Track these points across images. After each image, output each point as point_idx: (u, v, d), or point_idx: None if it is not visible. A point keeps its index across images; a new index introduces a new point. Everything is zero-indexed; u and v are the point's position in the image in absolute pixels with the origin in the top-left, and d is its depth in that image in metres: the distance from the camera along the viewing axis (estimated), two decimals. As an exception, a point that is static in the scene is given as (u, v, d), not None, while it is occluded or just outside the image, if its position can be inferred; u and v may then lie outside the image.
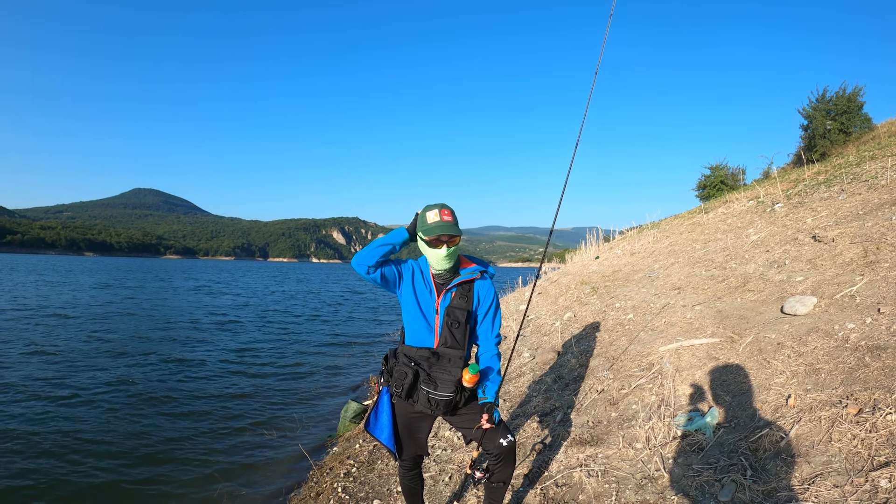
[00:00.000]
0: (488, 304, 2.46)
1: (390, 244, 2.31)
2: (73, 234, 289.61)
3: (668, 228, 12.89)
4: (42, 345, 9.83)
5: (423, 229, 2.27)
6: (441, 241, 2.28)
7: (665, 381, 3.87)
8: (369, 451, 4.60)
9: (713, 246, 7.82)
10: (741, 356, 3.71)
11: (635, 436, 3.36)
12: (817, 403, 2.75)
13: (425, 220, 2.29)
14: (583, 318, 6.94)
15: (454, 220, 2.30)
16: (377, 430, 2.51)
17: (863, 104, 15.12)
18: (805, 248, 5.52)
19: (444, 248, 2.28)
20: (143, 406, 6.46)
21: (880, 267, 4.19)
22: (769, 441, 2.66)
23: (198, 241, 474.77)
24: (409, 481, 2.71)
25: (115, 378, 7.66)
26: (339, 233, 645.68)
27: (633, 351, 4.76)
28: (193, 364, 8.92)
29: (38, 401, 6.41)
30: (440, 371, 2.33)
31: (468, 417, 2.44)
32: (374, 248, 2.31)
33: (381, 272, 2.36)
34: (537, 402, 4.67)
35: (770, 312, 4.30)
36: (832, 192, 7.71)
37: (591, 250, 15.89)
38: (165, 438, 5.45)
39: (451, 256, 2.34)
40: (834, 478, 2.21)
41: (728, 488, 2.48)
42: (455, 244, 2.31)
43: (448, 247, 2.29)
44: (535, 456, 3.66)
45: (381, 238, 2.33)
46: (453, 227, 2.27)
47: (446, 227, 2.25)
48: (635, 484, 2.90)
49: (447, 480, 3.70)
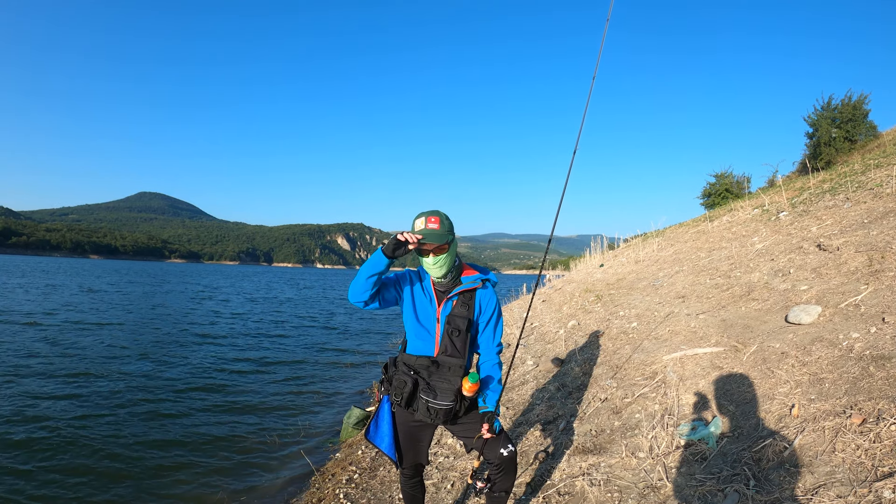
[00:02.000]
0: (490, 313, 2.45)
1: (375, 273, 2.23)
2: (78, 236, 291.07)
3: (673, 237, 12.87)
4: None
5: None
6: (426, 249, 2.27)
7: (668, 390, 3.86)
8: (371, 458, 4.60)
9: (718, 254, 7.80)
10: (745, 365, 3.70)
11: (638, 445, 3.36)
12: (821, 413, 2.74)
13: (413, 227, 2.29)
14: (587, 327, 6.92)
15: (441, 229, 2.26)
16: (378, 438, 2.51)
17: (868, 112, 15.09)
18: (810, 256, 5.51)
19: (430, 256, 2.28)
20: (143, 411, 6.47)
21: (885, 276, 4.17)
22: (773, 451, 2.64)
23: (202, 246, 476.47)
24: (410, 489, 2.70)
25: (115, 382, 7.68)
26: (344, 238, 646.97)
27: (637, 359, 4.75)
28: (194, 369, 8.93)
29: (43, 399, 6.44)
30: (439, 380, 2.32)
31: (469, 426, 2.43)
32: (362, 282, 2.25)
33: (380, 298, 2.35)
34: (540, 410, 4.66)
35: (774, 321, 4.29)
36: (837, 201, 7.69)
37: (596, 258, 15.87)
38: (166, 443, 5.45)
39: (441, 265, 2.31)
40: (837, 488, 2.20)
41: (731, 498, 2.47)
42: (443, 253, 2.28)
43: (434, 255, 2.28)
44: (537, 464, 3.66)
45: (364, 268, 2.26)
46: (435, 235, 2.23)
47: (427, 235, 2.23)
48: (638, 493, 2.89)
49: (449, 488, 3.69)
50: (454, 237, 2.35)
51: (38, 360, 8.75)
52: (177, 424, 6.06)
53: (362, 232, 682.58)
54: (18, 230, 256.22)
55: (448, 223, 2.32)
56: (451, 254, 2.34)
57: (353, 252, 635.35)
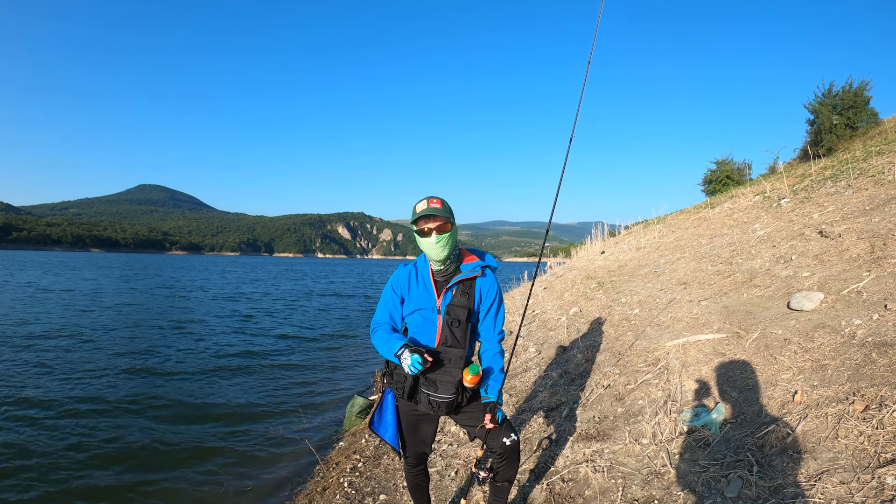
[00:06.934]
0: (490, 301, 2.42)
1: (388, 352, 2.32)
2: (78, 230, 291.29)
3: (674, 223, 12.84)
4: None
5: (412, 219, 2.28)
6: (427, 228, 2.26)
7: (671, 377, 3.88)
8: (375, 446, 4.63)
9: (719, 241, 7.79)
10: (747, 352, 3.71)
11: (641, 431, 3.37)
12: (824, 400, 2.75)
13: (415, 210, 2.29)
14: (588, 314, 6.93)
15: (444, 209, 2.27)
16: (381, 428, 2.52)
17: (869, 99, 14.98)
18: (811, 243, 5.50)
19: (433, 235, 2.26)
20: (146, 401, 6.50)
21: (887, 263, 4.17)
22: (776, 437, 2.66)
23: (203, 237, 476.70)
24: (414, 477, 2.72)
25: (119, 375, 7.72)
26: (345, 228, 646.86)
27: (639, 346, 4.76)
28: (197, 359, 8.97)
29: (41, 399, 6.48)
30: (440, 373, 2.31)
31: (472, 416, 2.44)
32: (383, 352, 2.35)
33: (403, 325, 2.48)
34: (543, 397, 4.68)
35: (776, 308, 4.29)
36: (839, 188, 7.66)
37: (597, 245, 15.84)
38: (170, 434, 5.49)
39: (444, 245, 2.28)
40: (840, 474, 2.22)
41: (734, 484, 2.49)
42: (445, 232, 2.27)
43: (437, 234, 2.26)
44: (541, 451, 3.68)
45: (381, 350, 2.36)
46: (437, 210, 2.24)
47: (427, 211, 2.24)
48: (641, 479, 2.91)
49: (453, 475, 3.71)
50: (455, 223, 2.35)
51: (38, 369, 8.80)
52: (176, 415, 6.09)
53: (363, 221, 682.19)
54: (19, 225, 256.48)
55: (449, 207, 2.32)
56: (453, 236, 2.33)
57: (353, 241, 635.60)
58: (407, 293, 2.42)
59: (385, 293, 2.47)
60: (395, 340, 2.28)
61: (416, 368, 2.12)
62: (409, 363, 2.13)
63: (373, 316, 2.52)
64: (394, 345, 2.26)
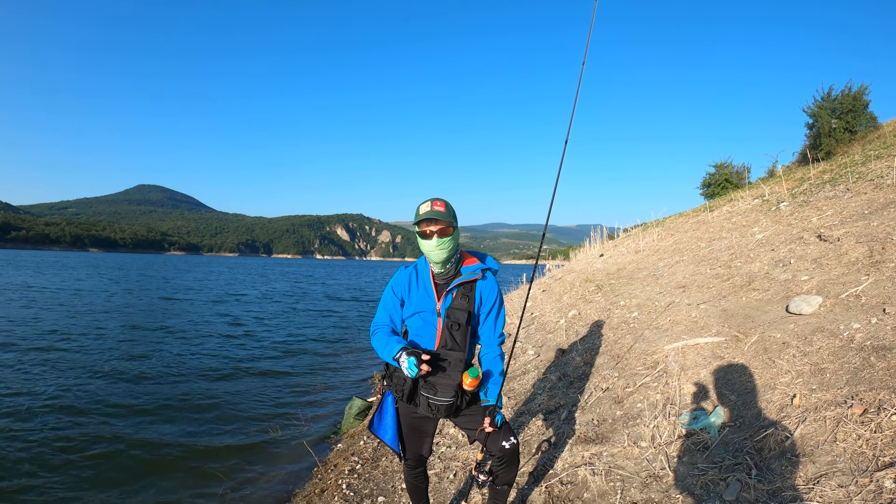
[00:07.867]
0: (491, 304, 2.42)
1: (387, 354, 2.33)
2: (77, 230, 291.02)
3: (673, 226, 12.85)
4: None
5: (415, 220, 2.28)
6: (429, 230, 2.26)
7: (670, 380, 3.88)
8: (374, 448, 4.62)
9: (718, 244, 7.80)
10: (746, 355, 3.71)
11: (640, 434, 3.37)
12: (822, 403, 2.76)
13: (418, 211, 2.29)
14: (587, 316, 6.94)
15: (447, 212, 2.27)
16: (381, 430, 2.52)
17: (868, 103, 15.03)
18: (810, 247, 5.51)
19: (434, 238, 2.25)
20: (146, 404, 6.49)
21: (886, 267, 4.18)
22: (774, 440, 2.66)
23: (202, 238, 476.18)
24: (413, 479, 2.72)
25: (115, 378, 7.71)
26: (343, 229, 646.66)
27: (638, 349, 4.76)
28: (194, 361, 8.96)
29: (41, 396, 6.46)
30: (440, 376, 2.31)
31: (471, 418, 2.44)
32: (382, 354, 2.35)
33: (403, 328, 2.48)
34: (542, 399, 4.68)
35: (775, 311, 4.30)
36: (837, 191, 7.68)
37: (596, 248, 15.85)
38: (169, 435, 5.49)
39: (444, 248, 2.28)
40: (839, 478, 2.22)
41: (733, 487, 2.49)
42: (447, 236, 2.27)
43: (438, 237, 2.25)
44: (540, 454, 3.68)
45: (380, 353, 2.36)
46: (440, 214, 2.24)
47: (430, 214, 2.23)
48: (640, 482, 2.91)
49: (452, 478, 3.71)
50: (457, 227, 2.35)
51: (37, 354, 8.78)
52: (175, 416, 6.09)
53: (361, 222, 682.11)
54: (18, 224, 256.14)
55: (452, 210, 2.32)
56: (455, 239, 2.33)
57: (352, 243, 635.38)
58: (407, 295, 2.41)
59: (385, 295, 2.47)
60: (394, 343, 2.28)
61: (413, 371, 2.12)
62: (406, 366, 2.14)
63: (373, 318, 2.52)
64: (392, 348, 2.26)
